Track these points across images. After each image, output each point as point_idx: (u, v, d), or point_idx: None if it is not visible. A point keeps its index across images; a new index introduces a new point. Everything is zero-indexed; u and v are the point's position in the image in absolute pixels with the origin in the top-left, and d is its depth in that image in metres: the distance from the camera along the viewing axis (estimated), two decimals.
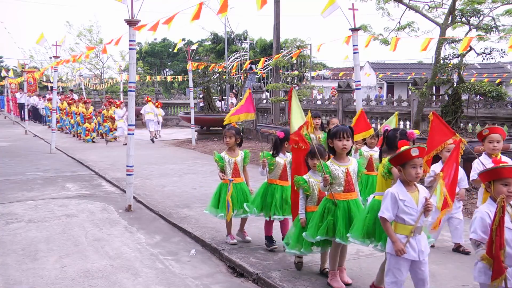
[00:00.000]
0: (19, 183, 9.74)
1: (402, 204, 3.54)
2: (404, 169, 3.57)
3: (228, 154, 5.61)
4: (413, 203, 3.55)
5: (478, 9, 10.67)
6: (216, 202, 5.60)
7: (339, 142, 4.18)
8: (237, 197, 5.48)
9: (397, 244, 3.53)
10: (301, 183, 4.51)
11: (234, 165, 5.57)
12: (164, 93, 31.37)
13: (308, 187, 4.52)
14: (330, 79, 34.12)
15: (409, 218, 3.55)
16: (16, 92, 31.49)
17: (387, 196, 3.59)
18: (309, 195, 4.55)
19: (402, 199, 3.54)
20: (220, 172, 5.58)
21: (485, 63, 21.36)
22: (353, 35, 8.41)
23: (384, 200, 3.62)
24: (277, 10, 16.00)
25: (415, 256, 3.56)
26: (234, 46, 32.67)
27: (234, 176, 5.54)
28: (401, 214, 3.55)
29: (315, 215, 4.35)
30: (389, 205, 3.55)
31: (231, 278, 4.87)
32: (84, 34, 33.24)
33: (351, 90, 14.34)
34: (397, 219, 3.58)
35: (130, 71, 7.71)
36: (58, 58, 15.06)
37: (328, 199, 4.30)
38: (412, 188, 3.61)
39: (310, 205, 4.55)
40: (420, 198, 3.58)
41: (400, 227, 3.59)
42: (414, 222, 3.54)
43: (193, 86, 16.66)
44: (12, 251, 5.58)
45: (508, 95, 9.86)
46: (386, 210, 3.55)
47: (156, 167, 11.36)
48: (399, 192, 3.57)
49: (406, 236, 3.55)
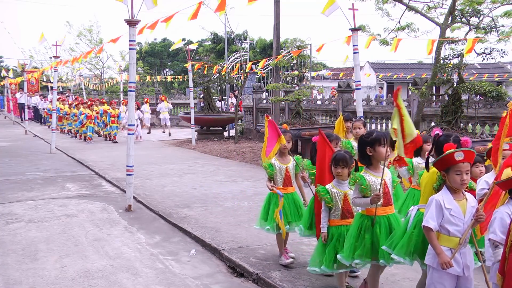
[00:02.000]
0: (19, 183, 9.74)
1: (448, 213, 3.19)
2: (448, 175, 3.23)
3: (279, 160, 4.92)
4: (460, 213, 3.20)
5: (478, 9, 10.67)
6: (265, 214, 4.99)
7: (383, 149, 3.71)
8: (290, 209, 4.85)
9: (442, 256, 3.15)
10: (322, 194, 4.07)
11: (286, 173, 4.89)
12: (164, 93, 31.29)
13: (330, 198, 4.07)
14: (330, 79, 34.10)
15: (454, 229, 3.19)
16: (16, 92, 31.48)
17: (432, 203, 3.25)
18: (332, 208, 4.10)
19: (448, 208, 3.19)
20: (268, 182, 4.93)
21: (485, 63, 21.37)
22: (353, 35, 8.41)
23: (428, 208, 3.27)
24: (277, 10, 15.98)
25: (459, 272, 3.22)
26: (234, 46, 32.67)
27: (286, 185, 4.90)
28: (446, 224, 3.21)
29: (351, 234, 3.87)
30: (434, 213, 3.20)
31: (231, 278, 4.87)
32: (84, 34, 33.27)
33: (351, 90, 14.34)
34: (441, 229, 3.23)
35: (130, 71, 7.71)
36: (58, 58, 15.07)
37: (364, 215, 3.82)
38: (460, 196, 3.25)
39: (334, 218, 4.11)
40: (468, 207, 3.23)
41: (443, 239, 3.23)
42: (460, 234, 3.19)
43: (193, 86, 16.66)
44: (12, 251, 5.58)
45: (508, 95, 9.85)
46: (431, 219, 3.20)
47: (156, 167, 11.36)
48: (445, 199, 3.22)
49: (450, 249, 3.21)
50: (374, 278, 3.94)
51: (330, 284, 4.37)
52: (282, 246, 4.99)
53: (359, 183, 3.76)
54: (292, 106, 15.36)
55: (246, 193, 8.42)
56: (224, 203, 7.66)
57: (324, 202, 4.09)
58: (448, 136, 3.75)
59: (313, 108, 15.76)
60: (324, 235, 4.07)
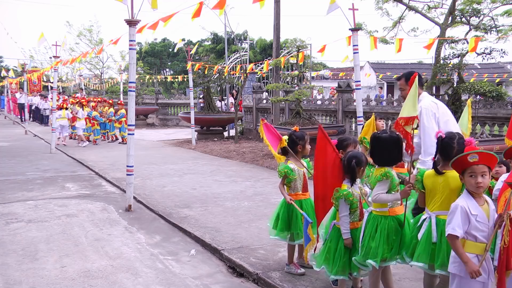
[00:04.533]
0: (19, 183, 9.74)
1: (474, 219, 3.08)
2: (463, 177, 3.16)
3: (297, 164, 4.59)
4: (485, 218, 3.10)
5: (478, 9, 10.68)
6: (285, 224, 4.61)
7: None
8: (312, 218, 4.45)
9: (470, 264, 3.03)
10: (349, 196, 3.85)
11: (304, 177, 4.61)
12: (164, 93, 31.36)
13: (354, 201, 3.89)
14: (330, 79, 34.10)
15: (481, 235, 3.09)
16: (16, 92, 31.47)
17: (457, 210, 3.10)
18: (353, 211, 3.93)
19: (474, 214, 3.08)
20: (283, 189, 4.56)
21: (485, 63, 21.35)
22: (353, 35, 8.41)
23: (453, 215, 3.12)
24: (277, 10, 15.99)
25: (486, 278, 3.11)
26: (234, 46, 32.70)
27: (304, 191, 4.62)
28: (473, 231, 3.09)
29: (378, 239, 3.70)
30: (460, 221, 3.07)
31: (231, 278, 4.87)
32: (84, 34, 33.27)
33: (351, 90, 14.35)
34: (467, 236, 3.11)
35: (130, 71, 7.71)
36: (58, 58, 15.06)
37: (388, 216, 3.74)
38: (482, 201, 3.15)
39: (353, 221, 3.96)
40: (490, 211, 3.14)
41: (470, 246, 3.11)
42: (486, 239, 3.09)
43: (193, 86, 16.66)
44: (12, 251, 5.58)
45: (508, 95, 9.87)
46: (458, 227, 3.06)
47: (156, 167, 11.36)
48: (470, 205, 3.10)
49: (477, 255, 3.10)
50: (377, 276, 3.91)
51: (330, 284, 4.37)
52: (293, 256, 4.75)
53: (391, 179, 3.72)
54: (292, 106, 15.37)
55: (246, 193, 8.42)
56: (224, 203, 7.66)
57: (350, 205, 3.89)
58: (452, 138, 3.63)
59: (313, 108, 15.78)
60: (349, 242, 3.90)
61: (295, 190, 4.59)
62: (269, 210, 6.99)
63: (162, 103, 27.39)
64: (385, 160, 3.82)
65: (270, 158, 12.36)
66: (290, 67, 18.96)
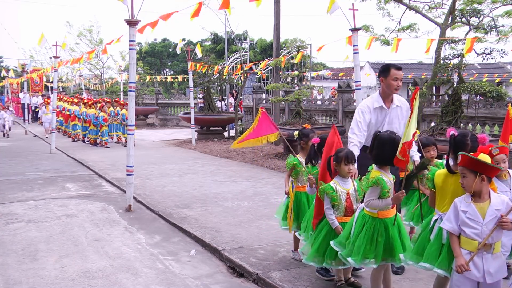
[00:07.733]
0: (19, 183, 9.74)
1: (463, 215, 3.17)
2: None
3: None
4: (477, 215, 3.13)
5: (478, 9, 10.68)
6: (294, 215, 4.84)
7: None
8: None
9: (458, 259, 3.15)
10: (330, 192, 4.02)
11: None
12: (164, 93, 31.36)
13: (336, 197, 4.04)
14: (330, 79, 34.10)
15: (471, 231, 3.14)
16: (18, 92, 31.42)
17: (451, 205, 3.29)
18: (336, 206, 4.08)
19: (464, 210, 3.18)
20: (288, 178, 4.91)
21: (485, 63, 21.37)
22: (353, 35, 8.41)
23: (449, 210, 3.31)
24: (277, 10, 15.98)
25: (478, 277, 3.12)
26: (234, 46, 32.71)
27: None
28: (462, 226, 3.19)
29: (361, 238, 3.76)
30: (451, 215, 3.23)
31: (231, 278, 4.87)
32: (84, 34, 33.23)
33: (351, 90, 14.36)
34: (461, 231, 3.22)
35: (130, 71, 7.71)
36: (58, 58, 15.07)
37: (375, 217, 3.78)
38: (480, 199, 3.18)
39: (338, 215, 4.10)
40: (489, 210, 3.13)
41: (463, 241, 3.20)
42: (479, 237, 3.12)
43: (193, 86, 16.66)
44: (12, 251, 5.58)
45: (508, 95, 9.86)
46: (448, 221, 3.25)
47: (156, 167, 11.36)
48: (462, 202, 3.22)
49: (470, 252, 3.15)
50: (378, 277, 3.92)
51: (330, 285, 4.37)
52: (298, 243, 5.00)
53: (382, 186, 3.72)
54: (292, 106, 15.37)
55: (246, 193, 8.42)
56: (224, 203, 7.66)
57: (330, 200, 4.05)
58: (465, 136, 3.58)
59: (313, 108, 15.78)
60: (340, 228, 4.02)
61: (302, 183, 4.82)
62: (269, 210, 7.00)
63: (162, 103, 27.40)
64: (382, 159, 3.84)
65: (270, 158, 12.36)
66: (290, 67, 18.96)
